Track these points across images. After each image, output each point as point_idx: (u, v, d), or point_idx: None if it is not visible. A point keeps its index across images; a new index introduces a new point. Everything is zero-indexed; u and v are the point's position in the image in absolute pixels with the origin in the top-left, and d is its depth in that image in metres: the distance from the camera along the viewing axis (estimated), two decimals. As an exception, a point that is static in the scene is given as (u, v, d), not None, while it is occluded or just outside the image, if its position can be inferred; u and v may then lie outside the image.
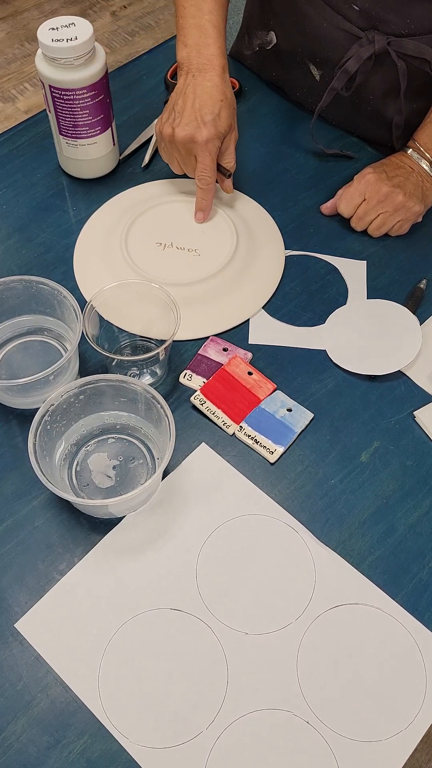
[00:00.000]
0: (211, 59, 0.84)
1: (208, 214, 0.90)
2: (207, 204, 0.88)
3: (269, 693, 0.63)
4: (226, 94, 0.83)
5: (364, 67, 0.90)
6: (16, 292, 0.78)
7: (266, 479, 0.74)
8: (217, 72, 0.83)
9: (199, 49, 0.84)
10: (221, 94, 0.83)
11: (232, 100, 0.85)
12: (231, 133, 0.86)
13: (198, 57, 0.84)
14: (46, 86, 0.85)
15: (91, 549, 0.70)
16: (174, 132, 0.83)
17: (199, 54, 0.84)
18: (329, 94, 0.92)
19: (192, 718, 0.62)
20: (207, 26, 0.84)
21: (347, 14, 0.88)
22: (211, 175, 0.85)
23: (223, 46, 0.85)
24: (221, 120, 0.82)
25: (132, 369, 0.79)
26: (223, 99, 0.83)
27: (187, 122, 0.82)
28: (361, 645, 0.66)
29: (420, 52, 0.86)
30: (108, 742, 0.61)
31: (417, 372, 0.81)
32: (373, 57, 0.89)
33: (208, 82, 0.83)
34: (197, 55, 0.84)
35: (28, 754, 0.61)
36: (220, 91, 0.83)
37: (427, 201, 0.90)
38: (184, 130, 0.82)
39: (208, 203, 0.88)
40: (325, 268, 0.90)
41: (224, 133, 0.84)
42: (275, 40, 1.00)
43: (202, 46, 0.84)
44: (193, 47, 0.84)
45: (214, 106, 0.82)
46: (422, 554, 0.70)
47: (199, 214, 0.89)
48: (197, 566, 0.69)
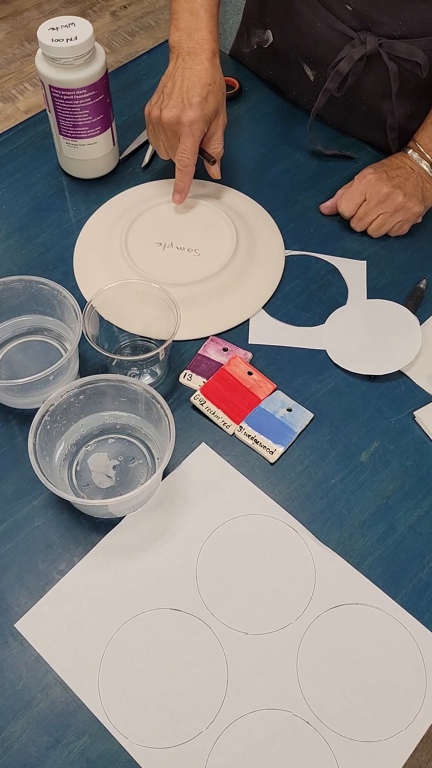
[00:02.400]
0: (202, 43, 0.84)
1: (185, 196, 0.89)
2: (184, 186, 0.88)
3: (269, 693, 0.63)
4: (215, 79, 0.84)
5: (356, 68, 0.90)
6: (16, 292, 0.78)
7: (266, 479, 0.74)
8: (207, 56, 0.84)
9: (190, 33, 0.84)
10: (210, 77, 0.83)
11: (220, 85, 0.85)
12: (218, 117, 0.86)
13: (189, 40, 0.84)
14: (46, 86, 0.85)
15: (91, 549, 0.70)
16: (161, 113, 0.83)
17: (190, 37, 0.84)
18: (323, 96, 0.92)
19: (192, 718, 0.62)
20: (199, 10, 0.84)
21: (340, 14, 0.88)
22: (190, 156, 0.85)
23: (215, 30, 0.85)
24: (208, 103, 0.83)
25: (132, 369, 0.79)
26: (211, 83, 0.83)
27: (174, 104, 0.82)
28: (361, 645, 0.66)
29: (411, 55, 0.86)
30: (108, 742, 0.61)
31: (417, 372, 0.81)
32: (364, 58, 0.89)
33: (197, 66, 0.83)
34: (188, 38, 0.84)
35: (28, 754, 0.61)
36: (209, 74, 0.83)
37: (427, 202, 0.90)
38: (171, 112, 0.82)
39: (185, 185, 0.88)
40: (325, 268, 0.90)
41: (210, 116, 0.84)
42: (272, 39, 1.00)
43: (193, 30, 0.84)
44: (184, 31, 0.84)
45: (202, 89, 0.82)
46: (422, 554, 0.70)
47: (176, 196, 0.89)
48: (197, 566, 0.69)
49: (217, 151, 0.88)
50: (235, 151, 1.01)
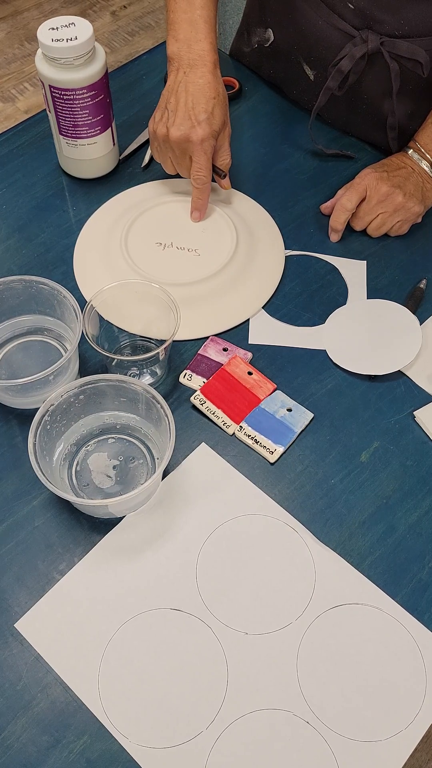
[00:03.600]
0: (202, 54, 0.83)
1: (204, 213, 0.90)
2: (203, 203, 0.88)
3: (269, 693, 0.63)
4: (219, 91, 0.83)
5: (357, 67, 0.90)
6: (16, 292, 0.78)
7: (266, 479, 0.74)
8: (208, 68, 0.83)
9: (190, 44, 0.83)
10: (213, 91, 0.82)
11: (224, 97, 0.84)
12: (225, 129, 0.85)
13: (189, 52, 0.83)
14: (46, 86, 0.85)
15: (91, 549, 0.70)
16: (168, 132, 0.83)
17: (190, 49, 0.83)
18: (324, 94, 0.92)
19: (192, 718, 0.62)
20: (198, 21, 0.83)
21: (342, 12, 0.88)
22: (206, 174, 0.85)
23: (215, 41, 0.85)
24: (215, 118, 0.82)
25: (132, 369, 0.79)
26: (215, 96, 0.82)
27: (181, 122, 0.82)
28: (361, 645, 0.66)
29: (413, 54, 0.86)
30: (108, 742, 0.61)
31: (417, 372, 0.81)
32: (366, 57, 0.89)
33: (200, 79, 0.82)
34: (188, 50, 0.83)
35: (28, 754, 0.61)
36: (213, 87, 0.82)
37: (427, 202, 0.90)
38: (179, 130, 0.82)
39: (204, 202, 0.88)
40: (325, 268, 0.90)
41: (218, 131, 0.83)
42: (273, 38, 1.00)
43: (193, 41, 0.83)
44: (183, 42, 0.84)
45: (207, 103, 0.82)
46: (422, 554, 0.70)
47: (195, 214, 0.89)
48: (197, 566, 0.69)
49: (225, 163, 0.88)
50: (235, 151, 1.00)
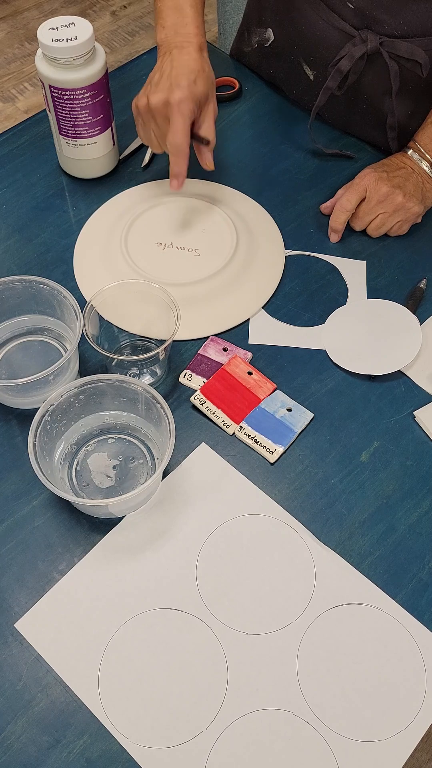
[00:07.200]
0: (189, 37, 0.83)
1: (182, 183, 0.84)
2: (180, 169, 0.83)
3: (269, 693, 0.63)
4: (204, 67, 0.82)
5: (357, 67, 0.90)
6: (16, 292, 0.78)
7: (266, 479, 0.74)
8: (194, 47, 0.82)
9: (177, 29, 0.83)
10: (198, 65, 0.81)
11: (209, 74, 0.83)
12: (209, 104, 0.83)
13: (175, 36, 0.83)
14: (46, 86, 0.85)
15: (91, 549, 0.70)
16: (148, 99, 0.80)
17: (177, 33, 0.83)
18: (324, 94, 0.92)
19: (192, 718, 0.62)
20: (184, 6, 0.83)
21: (342, 12, 0.88)
22: (182, 139, 0.81)
23: (201, 25, 0.84)
24: (197, 86, 0.80)
25: (132, 369, 0.79)
26: (200, 71, 0.81)
27: (161, 88, 0.80)
28: (361, 645, 0.66)
29: (412, 54, 0.86)
30: (108, 742, 0.61)
31: (417, 372, 0.81)
32: (365, 57, 0.89)
33: (185, 56, 0.81)
34: (174, 34, 0.83)
35: (28, 754, 0.61)
36: (198, 63, 0.81)
37: (427, 202, 0.90)
38: (157, 96, 0.79)
39: (181, 170, 0.83)
40: (325, 268, 0.90)
41: (200, 97, 0.81)
42: (273, 38, 1.00)
43: (180, 26, 0.83)
44: (170, 28, 0.83)
45: (191, 74, 0.80)
46: (422, 554, 0.70)
47: (173, 182, 0.84)
48: (197, 566, 0.69)
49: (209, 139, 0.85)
50: (235, 151, 1.01)
